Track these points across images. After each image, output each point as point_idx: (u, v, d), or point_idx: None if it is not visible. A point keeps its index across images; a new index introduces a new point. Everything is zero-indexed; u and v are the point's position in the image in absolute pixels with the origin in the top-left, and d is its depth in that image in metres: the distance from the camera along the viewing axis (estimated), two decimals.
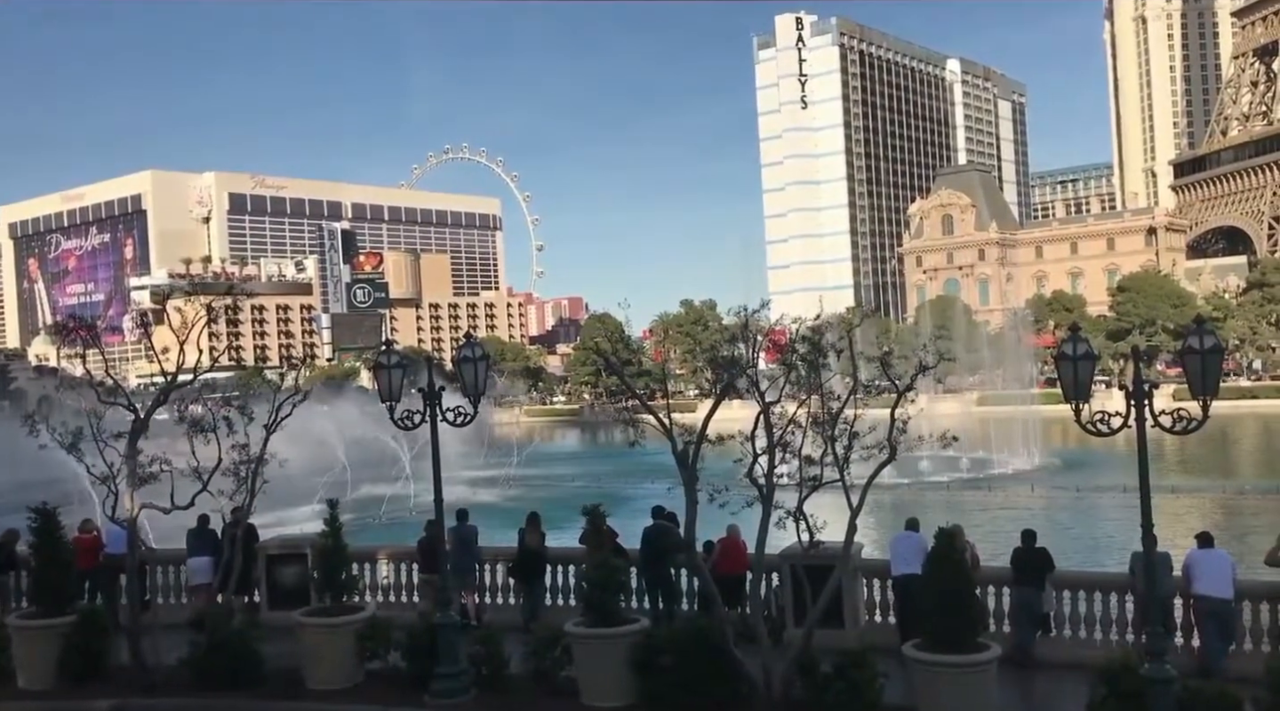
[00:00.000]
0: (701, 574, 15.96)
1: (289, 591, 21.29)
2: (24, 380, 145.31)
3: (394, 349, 18.28)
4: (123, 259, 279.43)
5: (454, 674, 16.41)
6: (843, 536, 15.65)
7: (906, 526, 18.72)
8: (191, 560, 21.84)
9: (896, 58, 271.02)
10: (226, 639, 17.48)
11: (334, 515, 18.24)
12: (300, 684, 17.41)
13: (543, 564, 20.87)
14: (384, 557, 22.44)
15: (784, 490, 15.34)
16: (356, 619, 17.79)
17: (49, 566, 18.53)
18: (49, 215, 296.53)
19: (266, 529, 25.08)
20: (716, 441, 15.15)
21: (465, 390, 17.27)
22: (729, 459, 15.83)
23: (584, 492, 54.90)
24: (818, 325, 15.61)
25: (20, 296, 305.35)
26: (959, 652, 14.35)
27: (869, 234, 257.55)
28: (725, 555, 18.89)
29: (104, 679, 18.09)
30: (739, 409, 16.81)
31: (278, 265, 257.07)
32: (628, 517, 25.58)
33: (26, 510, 19.01)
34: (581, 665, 16.20)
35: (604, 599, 16.19)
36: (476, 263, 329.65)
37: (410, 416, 17.19)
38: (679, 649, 15.34)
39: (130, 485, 17.70)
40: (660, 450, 17.15)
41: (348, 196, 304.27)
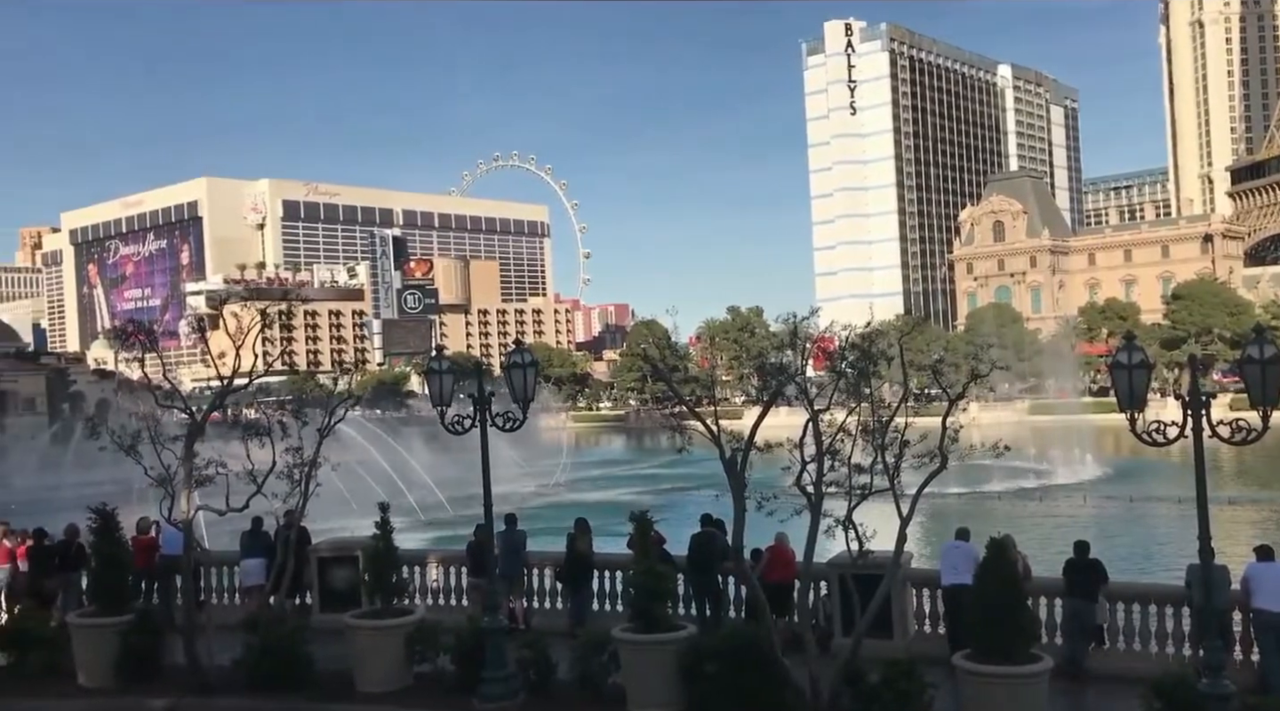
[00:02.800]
0: (749, 582, 15.92)
1: (340, 594, 21.50)
2: (83, 383, 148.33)
3: (445, 354, 18.47)
4: (179, 265, 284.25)
5: (502, 678, 16.51)
6: (891, 545, 15.55)
7: (956, 535, 18.56)
8: (245, 562, 22.18)
9: (947, 63, 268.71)
10: (279, 641, 17.70)
11: (385, 518, 18.43)
12: (350, 686, 17.60)
13: (590, 569, 20.95)
14: (433, 561, 22.64)
15: (832, 498, 15.27)
16: (406, 622, 17.95)
17: (108, 566, 18.94)
18: (108, 221, 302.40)
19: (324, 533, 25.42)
20: (764, 449, 15.12)
21: (514, 396, 17.43)
22: (777, 466, 15.79)
23: (630, 499, 55.00)
24: (868, 332, 15.51)
25: (80, 301, 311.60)
26: (1010, 664, 14.19)
27: (918, 241, 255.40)
28: (773, 563, 18.85)
29: (159, 678, 18.40)
30: (786, 416, 16.74)
31: (330, 271, 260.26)
32: (675, 524, 25.56)
33: (87, 509, 19.44)
34: (628, 671, 16.22)
35: (651, 605, 16.20)
36: (524, 269, 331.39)
37: (461, 421, 17.37)
38: (726, 656, 15.30)
39: (186, 487, 18.03)
40: (707, 457, 17.15)
41: (399, 203, 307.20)
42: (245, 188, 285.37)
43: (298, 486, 19.14)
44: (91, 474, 60.03)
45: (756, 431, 14.81)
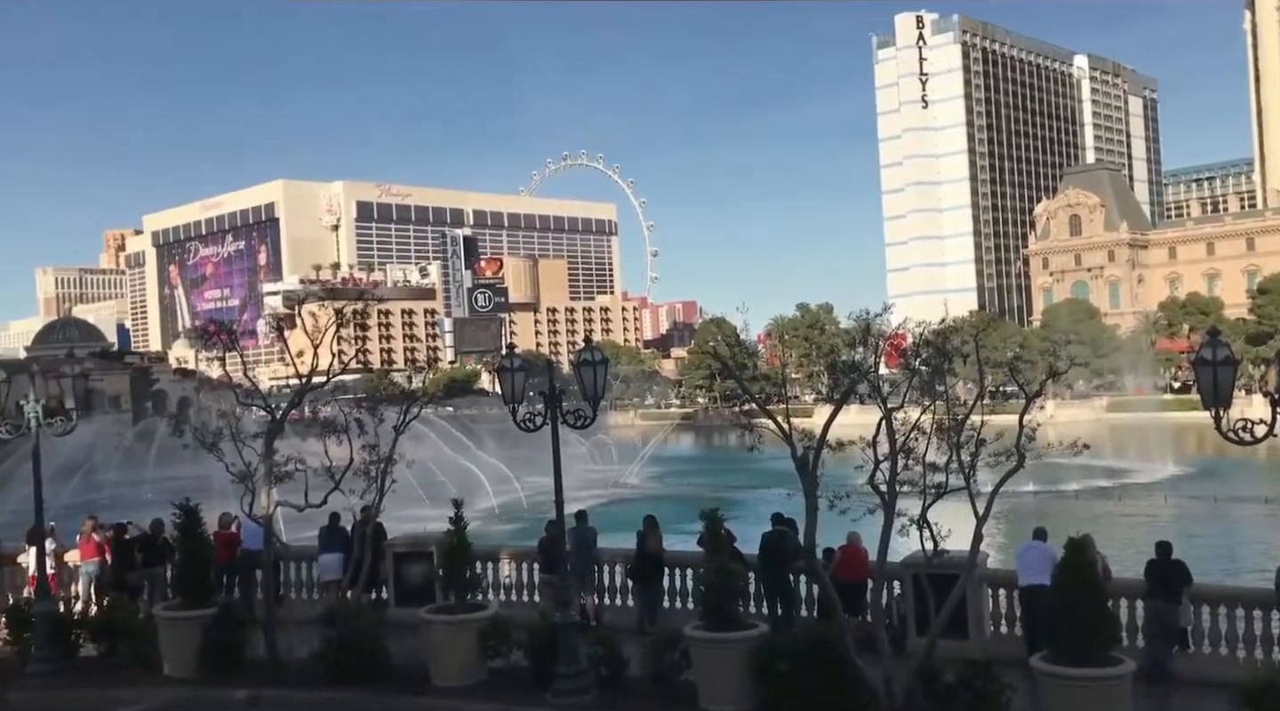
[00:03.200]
0: (822, 580, 15.83)
1: (415, 588, 21.84)
2: (165, 382, 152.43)
3: (516, 353, 18.64)
4: (256, 265, 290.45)
5: (574, 674, 16.63)
6: (966, 545, 15.36)
7: (1034, 535, 18.26)
8: (323, 557, 22.60)
9: (1021, 55, 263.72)
10: (356, 634, 18.01)
11: (459, 514, 18.65)
12: (425, 680, 17.85)
13: (661, 566, 20.98)
14: (506, 557, 22.86)
15: (906, 497, 15.13)
16: (480, 617, 18.16)
17: (191, 560, 19.46)
18: (189, 223, 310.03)
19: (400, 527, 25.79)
20: (837, 447, 15.02)
21: (584, 393, 17.55)
22: (849, 465, 15.67)
23: (700, 497, 54.96)
24: (943, 329, 15.32)
25: (162, 301, 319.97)
26: (1090, 666, 13.91)
27: (992, 236, 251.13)
28: (846, 562, 18.72)
29: (240, 669, 18.83)
30: (857, 414, 16.61)
31: (403, 271, 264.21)
32: (745, 523, 25.52)
33: (171, 505, 19.99)
34: (700, 668, 16.23)
35: (723, 603, 16.19)
36: (593, 267, 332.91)
37: (532, 418, 17.51)
38: (799, 655, 15.22)
39: (266, 483, 18.45)
40: (776, 455, 17.08)
41: (469, 203, 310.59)
42: (320, 189, 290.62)
43: (374, 483, 19.46)
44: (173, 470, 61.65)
45: (829, 430, 14.70)
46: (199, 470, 46.92)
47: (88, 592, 22.94)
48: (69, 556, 23.66)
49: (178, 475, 59.38)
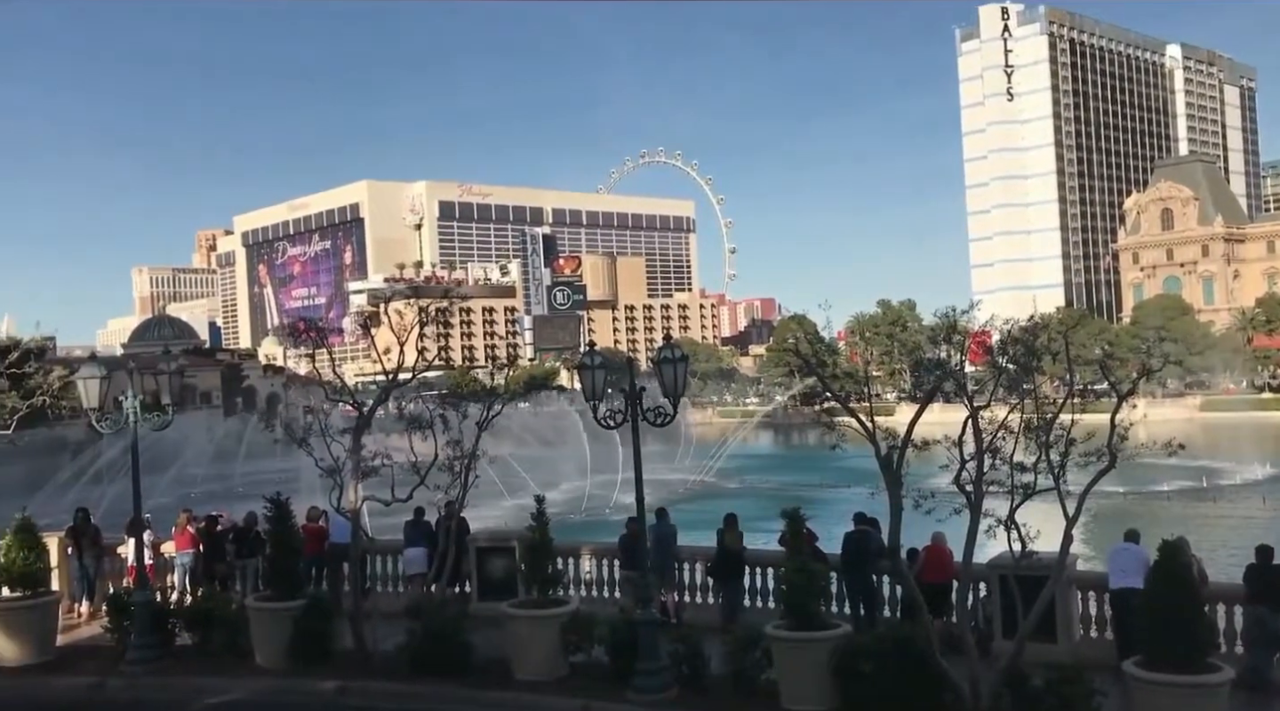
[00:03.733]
0: (906, 581, 15.64)
1: (497, 583, 22.10)
2: (255, 378, 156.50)
3: (596, 350, 18.73)
4: (342, 264, 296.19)
5: (655, 670, 16.67)
6: (1054, 546, 15.03)
7: (1126, 537, 17.79)
8: (408, 551, 22.97)
9: (1110, 45, 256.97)
10: (440, 628, 18.28)
11: (541, 510, 18.81)
12: (508, 673, 18.03)
13: (741, 565, 20.92)
14: (587, 553, 22.98)
15: (992, 498, 14.86)
16: (561, 612, 18.29)
17: (282, 552, 19.92)
18: (277, 223, 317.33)
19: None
20: (921, 446, 14.81)
21: (664, 390, 17.57)
22: (933, 464, 15.44)
23: (780, 495, 54.66)
24: (1032, 325, 15.01)
25: (251, 300, 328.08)
26: (1186, 673, 13.52)
27: (1080, 230, 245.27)
28: (930, 563, 18.45)
29: (328, 660, 19.20)
30: (940, 412, 16.37)
31: (483, 269, 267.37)
32: (826, 522, 25.28)
33: (262, 498, 20.51)
34: (782, 668, 16.14)
35: (805, 602, 16.08)
36: (670, 265, 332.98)
37: (613, 415, 17.58)
38: (882, 656, 15.06)
39: (354, 477, 18.81)
40: (856, 454, 16.89)
41: (548, 202, 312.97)
42: (403, 189, 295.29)
43: (458, 478, 19.72)
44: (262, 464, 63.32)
45: (914, 428, 14.49)
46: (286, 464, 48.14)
47: (183, 583, 23.65)
48: (165, 547, 24.42)
49: (266, 469, 60.99)
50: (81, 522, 24.54)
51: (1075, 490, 14.58)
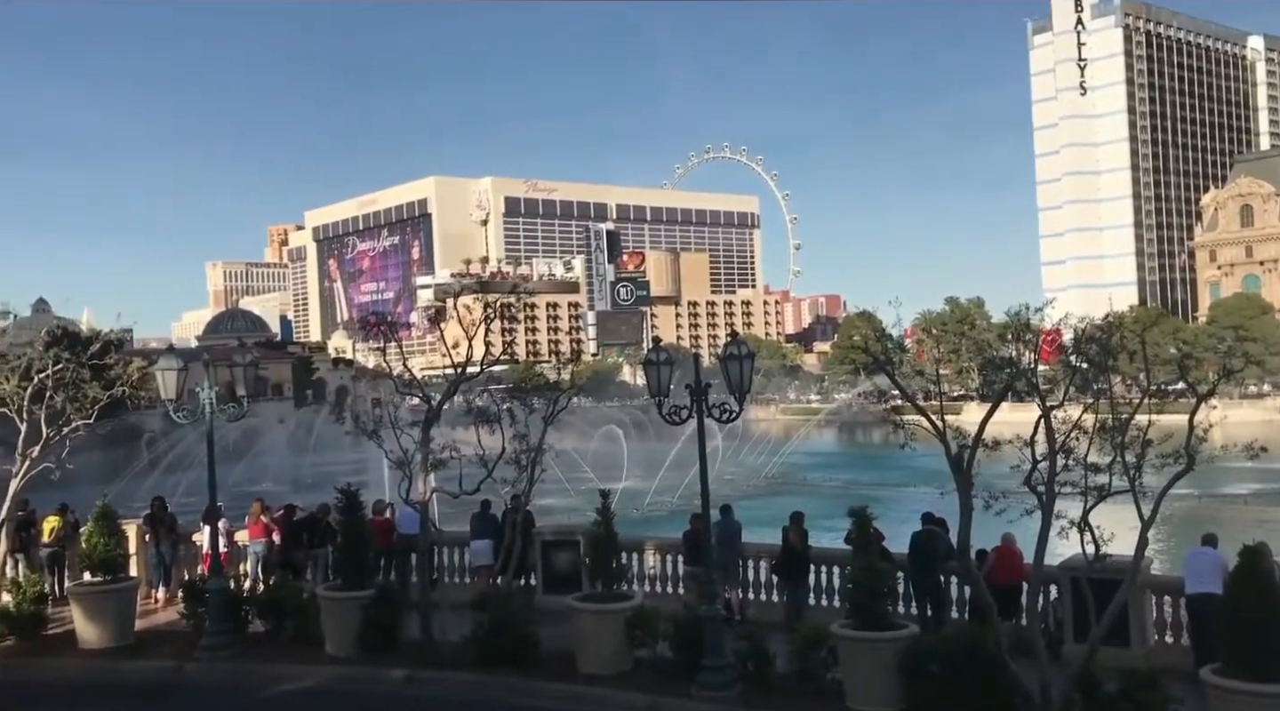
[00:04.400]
0: (976, 582, 15.43)
1: (562, 576, 22.25)
2: (324, 371, 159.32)
3: (662, 346, 18.74)
4: (410, 259, 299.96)
5: (720, 667, 16.64)
6: (1127, 549, 14.73)
7: (1203, 541, 17.37)
8: (474, 543, 23.21)
9: (1188, 37, 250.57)
10: (507, 620, 18.43)
11: (606, 505, 18.89)
12: (572, 666, 18.12)
13: (806, 563, 20.80)
14: (651, 548, 23.02)
15: (1064, 499, 14.60)
16: (626, 607, 18.34)
17: (352, 543, 20.25)
18: (346, 219, 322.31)
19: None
20: (992, 446, 14.60)
21: (730, 387, 17.53)
22: (1004, 464, 15.23)
23: (844, 493, 54.29)
24: (1107, 323, 14.71)
25: (322, 294, 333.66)
26: (1268, 682, 13.15)
27: (1154, 227, 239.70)
28: (1000, 564, 18.18)
29: (396, 649, 19.44)
30: (1009, 412, 16.13)
31: (548, 265, 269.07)
32: (892, 522, 25.03)
33: (334, 489, 20.87)
34: (848, 667, 16.02)
35: (872, 602, 15.94)
36: (734, 261, 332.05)
37: (678, 411, 17.58)
38: (950, 657, 14.88)
39: (423, 470, 19.05)
40: (924, 453, 16.68)
41: (613, 198, 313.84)
42: (470, 186, 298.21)
43: (524, 471, 19.87)
44: (331, 455, 64.47)
45: (985, 427, 14.29)
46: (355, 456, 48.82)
47: (255, 571, 24.13)
48: (238, 536, 24.96)
49: (334, 461, 62.11)
50: (158, 510, 25.16)
51: (1151, 492, 14.28)
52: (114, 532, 21.52)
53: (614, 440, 67.08)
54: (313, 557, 23.76)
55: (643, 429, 69.40)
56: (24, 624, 21.17)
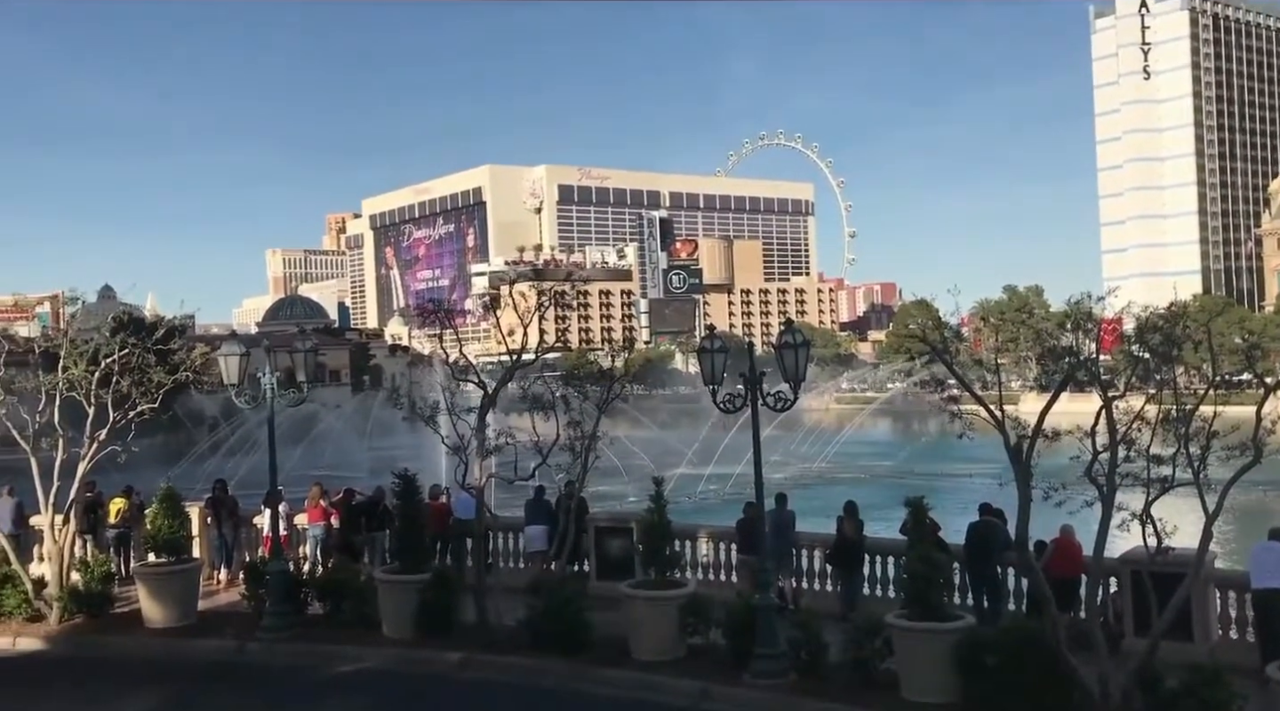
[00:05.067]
0: (1034, 574, 15.24)
1: (614, 563, 22.36)
2: (381, 357, 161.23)
3: (716, 333, 18.72)
4: (465, 247, 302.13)
5: (774, 655, 16.63)
6: (1193, 543, 14.47)
7: (1270, 536, 16.99)
8: (528, 528, 23.39)
9: (1257, 19, 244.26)
10: (561, 605, 18.53)
11: (659, 492, 18.94)
12: (625, 652, 18.19)
13: (861, 553, 20.70)
14: (704, 536, 23.03)
15: (1126, 490, 14.38)
16: (680, 594, 18.37)
17: (409, 527, 20.51)
18: (403, 207, 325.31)
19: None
20: (1052, 436, 14.41)
21: (785, 375, 17.47)
22: (1063, 455, 15.03)
23: (899, 483, 53.87)
24: (1173, 312, 14.43)
25: (378, 281, 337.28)
26: None
27: (1219, 214, 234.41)
28: (1058, 556, 17.94)
29: (452, 632, 19.66)
30: (1068, 402, 15.87)
31: (601, 252, 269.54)
32: (947, 512, 24.82)
33: (391, 474, 21.15)
34: (903, 658, 15.93)
35: (928, 593, 15.83)
36: (788, 248, 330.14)
37: (732, 400, 17.56)
38: (1008, 650, 14.70)
39: (479, 455, 19.23)
40: (980, 444, 16.49)
41: (666, 185, 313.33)
42: (524, 174, 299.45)
43: (579, 458, 19.97)
44: (387, 441, 65.26)
45: (1045, 417, 14.10)
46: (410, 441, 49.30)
47: (314, 554, 24.54)
48: (298, 519, 25.38)
49: (391, 445, 62.85)
50: (220, 493, 25.69)
51: (1215, 485, 14.01)
52: (178, 515, 21.98)
53: (668, 428, 67.17)
54: (370, 541, 24.11)
55: (694, 417, 69.40)
56: (92, 602, 21.72)
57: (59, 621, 21.33)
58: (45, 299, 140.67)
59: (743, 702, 16.26)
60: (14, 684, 18.61)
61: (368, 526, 24.15)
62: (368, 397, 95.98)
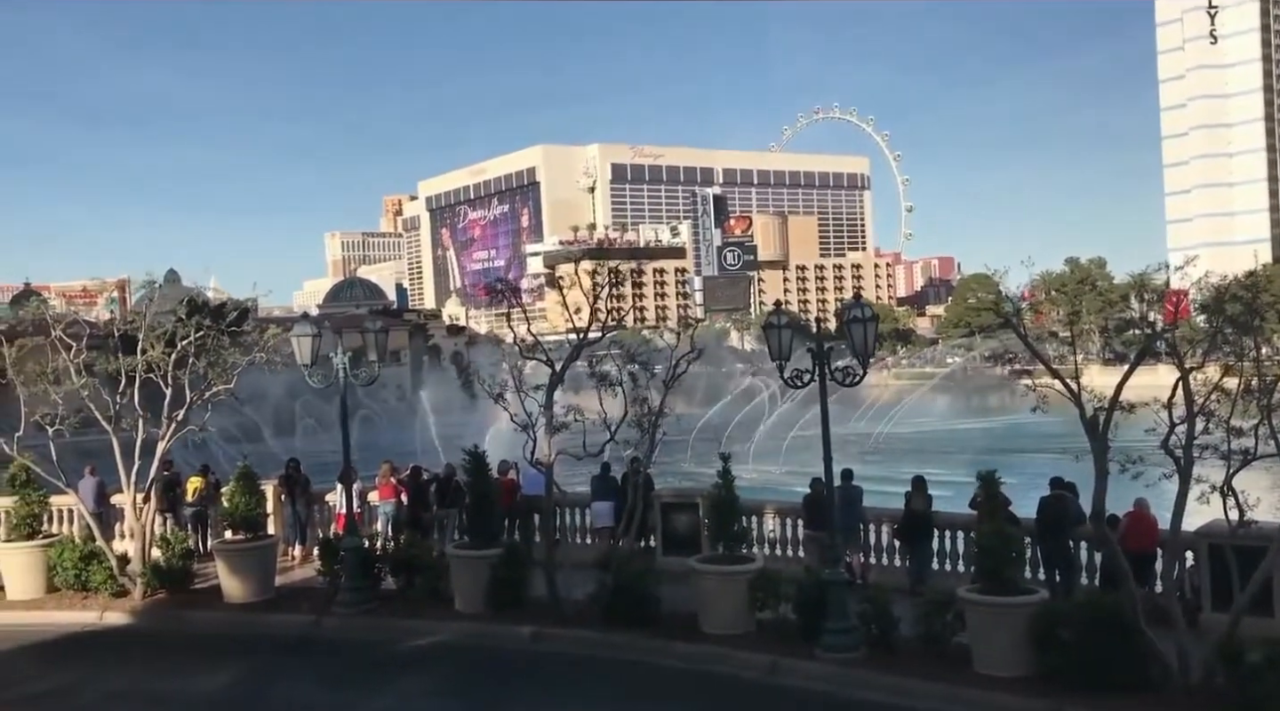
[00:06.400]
0: (1112, 547, 15.11)
1: (681, 538, 22.53)
2: (440, 337, 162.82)
3: (782, 309, 18.69)
4: (519, 227, 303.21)
5: (844, 629, 16.68)
6: (1275, 517, 14.25)
7: None
8: (595, 504, 23.60)
9: None
10: (630, 580, 18.74)
11: (727, 468, 19.02)
12: (694, 627, 18.35)
13: (930, 527, 20.63)
14: (771, 512, 23.08)
15: (1203, 464, 14.18)
16: (749, 569, 18.47)
17: (480, 503, 20.82)
18: (458, 188, 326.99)
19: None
20: (1128, 409, 14.24)
21: (853, 350, 17.43)
22: (1137, 428, 14.83)
23: (962, 458, 53.41)
24: (1253, 281, 14.17)
25: (435, 262, 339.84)
26: None
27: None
28: (1132, 530, 17.73)
29: (522, 607, 20.00)
30: (1139, 374, 15.68)
31: (654, 230, 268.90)
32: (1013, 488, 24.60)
33: (461, 451, 21.45)
34: (975, 632, 15.88)
35: (1000, 566, 15.75)
36: (844, 223, 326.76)
37: (799, 375, 17.56)
38: (1084, 624, 14.61)
39: (547, 432, 19.44)
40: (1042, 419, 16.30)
41: (719, 162, 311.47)
42: (577, 153, 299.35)
43: (645, 435, 20.09)
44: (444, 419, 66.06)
45: (1121, 389, 13.94)
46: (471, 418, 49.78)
47: (385, 531, 24.97)
48: (370, 497, 25.83)
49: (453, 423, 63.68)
50: (293, 471, 26.22)
51: None
52: (254, 492, 22.50)
53: (731, 405, 67.24)
54: (442, 517, 24.48)
55: (751, 393, 69.35)
56: (174, 578, 22.34)
57: (143, 596, 21.98)
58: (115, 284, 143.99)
59: (813, 676, 16.34)
60: (103, 655, 19.25)
61: (439, 502, 24.53)
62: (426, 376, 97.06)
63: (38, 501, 23.46)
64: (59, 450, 22.36)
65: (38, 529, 23.54)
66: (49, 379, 21.82)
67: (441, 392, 70.99)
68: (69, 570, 22.52)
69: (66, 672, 17.87)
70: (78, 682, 17.19)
